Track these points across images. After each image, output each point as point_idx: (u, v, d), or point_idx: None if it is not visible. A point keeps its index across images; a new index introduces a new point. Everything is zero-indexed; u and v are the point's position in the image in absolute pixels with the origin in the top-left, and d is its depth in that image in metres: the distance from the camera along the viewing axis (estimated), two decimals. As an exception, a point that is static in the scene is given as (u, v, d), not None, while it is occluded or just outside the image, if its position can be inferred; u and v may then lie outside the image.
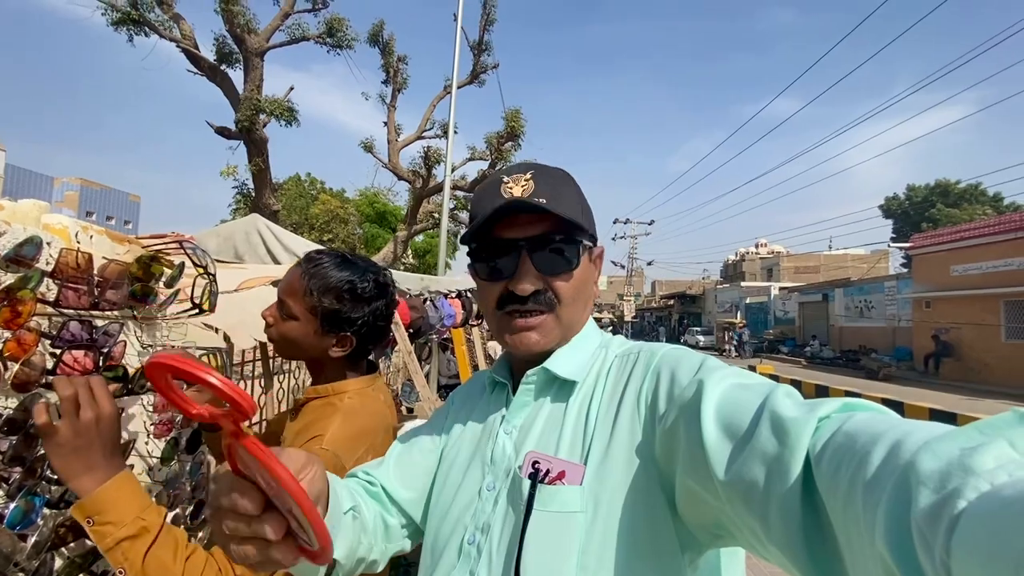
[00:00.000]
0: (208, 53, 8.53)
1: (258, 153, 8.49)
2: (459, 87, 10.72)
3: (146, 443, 1.30)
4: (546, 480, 0.60)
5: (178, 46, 8.09)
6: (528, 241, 0.66)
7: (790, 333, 26.82)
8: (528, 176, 0.67)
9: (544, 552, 0.57)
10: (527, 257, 0.67)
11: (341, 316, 1.02)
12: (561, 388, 0.69)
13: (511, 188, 0.66)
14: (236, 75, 8.75)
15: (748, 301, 31.98)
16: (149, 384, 1.20)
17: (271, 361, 3.37)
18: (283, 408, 3.95)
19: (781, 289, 30.55)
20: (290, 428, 1.06)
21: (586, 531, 0.56)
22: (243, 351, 2.67)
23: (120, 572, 0.71)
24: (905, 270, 21.54)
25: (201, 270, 1.42)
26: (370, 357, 1.21)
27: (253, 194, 9.16)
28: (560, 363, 0.69)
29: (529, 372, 0.70)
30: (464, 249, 0.74)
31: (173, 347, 1.35)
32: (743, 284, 35.73)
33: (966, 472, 0.27)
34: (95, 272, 1.03)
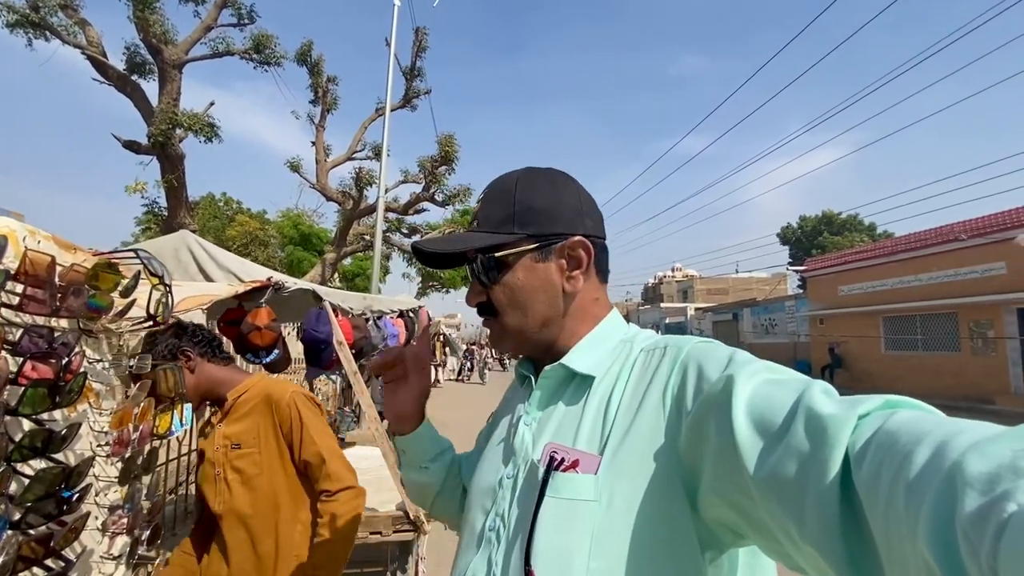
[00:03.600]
0: (118, 62, 7.95)
1: (172, 170, 7.93)
2: (392, 111, 10.72)
3: (93, 466, 1.20)
4: (560, 468, 0.60)
5: (83, 53, 7.47)
6: (469, 260, 0.74)
7: (706, 351, 28.51)
8: (482, 197, 0.76)
9: (555, 538, 0.57)
10: (472, 273, 0.75)
11: (186, 347, 1.52)
12: (580, 383, 0.69)
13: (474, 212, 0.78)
14: (150, 87, 8.20)
15: (668, 321, 33.85)
16: (76, 396, 1.12)
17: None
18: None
19: (696, 310, 32.69)
20: (237, 420, 1.49)
21: (600, 520, 0.56)
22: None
23: None
24: (801, 291, 23.90)
25: (156, 280, 1.35)
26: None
27: (166, 213, 8.52)
28: (577, 359, 0.70)
29: (547, 368, 0.71)
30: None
31: (126, 362, 1.26)
32: (662, 305, 37.87)
33: (1017, 474, 0.26)
34: (56, 278, 0.97)
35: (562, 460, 0.61)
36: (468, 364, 20.67)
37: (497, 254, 0.71)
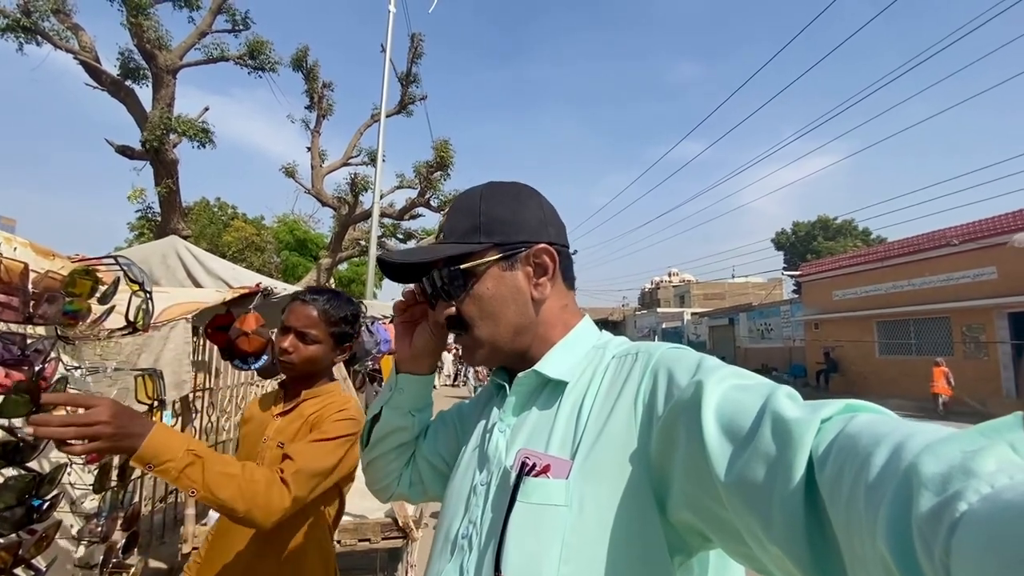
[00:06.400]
0: (112, 67, 7.94)
1: (167, 175, 7.92)
2: (387, 116, 10.74)
3: (69, 474, 1.19)
4: (532, 473, 0.60)
5: (76, 58, 7.46)
6: (436, 272, 0.74)
7: (702, 355, 28.57)
8: (447, 211, 0.79)
9: (525, 544, 0.57)
10: (435, 287, 0.75)
11: (349, 334, 1.48)
12: (554, 389, 0.70)
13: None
14: (143, 92, 8.20)
15: (664, 326, 33.88)
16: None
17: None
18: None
19: (693, 315, 32.73)
20: (291, 421, 1.38)
21: (571, 525, 0.56)
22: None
23: (192, 492, 0.94)
24: (796, 296, 23.98)
25: (136, 287, 1.34)
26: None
27: (159, 219, 8.50)
28: (550, 365, 0.70)
29: (520, 375, 0.71)
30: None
31: (102, 367, 1.26)
32: (659, 310, 37.86)
33: (967, 475, 0.27)
34: (30, 285, 0.96)
35: (533, 465, 0.61)
36: (463, 369, 20.62)
37: (464, 265, 0.72)
